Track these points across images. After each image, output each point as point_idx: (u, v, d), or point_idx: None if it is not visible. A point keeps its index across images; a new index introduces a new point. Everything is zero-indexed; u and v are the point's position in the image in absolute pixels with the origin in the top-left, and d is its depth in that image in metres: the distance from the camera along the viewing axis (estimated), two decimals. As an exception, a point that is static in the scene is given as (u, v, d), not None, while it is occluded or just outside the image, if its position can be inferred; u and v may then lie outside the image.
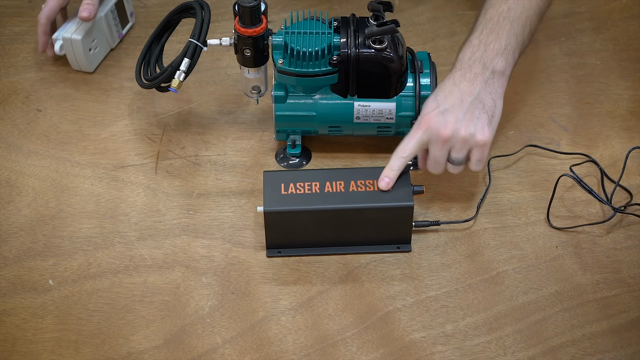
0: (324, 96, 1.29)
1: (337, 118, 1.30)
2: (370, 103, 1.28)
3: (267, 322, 1.18)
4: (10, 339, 1.16)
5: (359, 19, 1.28)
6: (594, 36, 1.52)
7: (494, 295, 1.20)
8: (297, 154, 1.34)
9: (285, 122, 1.31)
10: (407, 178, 1.22)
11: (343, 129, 1.31)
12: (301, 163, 1.34)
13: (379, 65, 1.25)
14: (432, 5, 1.57)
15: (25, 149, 1.36)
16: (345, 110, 1.29)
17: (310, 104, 1.29)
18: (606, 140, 1.37)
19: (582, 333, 1.16)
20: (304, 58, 1.24)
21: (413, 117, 1.29)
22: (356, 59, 1.25)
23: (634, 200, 1.29)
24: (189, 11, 1.31)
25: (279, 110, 1.30)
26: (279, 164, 1.34)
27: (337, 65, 1.25)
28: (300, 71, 1.25)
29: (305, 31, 1.26)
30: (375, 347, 1.15)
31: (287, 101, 1.29)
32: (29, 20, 1.55)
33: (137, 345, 1.15)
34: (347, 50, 1.25)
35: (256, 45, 1.24)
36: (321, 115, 1.30)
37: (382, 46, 1.24)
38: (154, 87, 1.30)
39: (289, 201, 1.20)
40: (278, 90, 1.29)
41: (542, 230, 1.27)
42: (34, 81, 1.46)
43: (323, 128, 1.32)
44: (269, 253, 1.23)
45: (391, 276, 1.22)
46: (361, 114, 1.29)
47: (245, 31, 1.23)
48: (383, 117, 1.29)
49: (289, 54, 1.24)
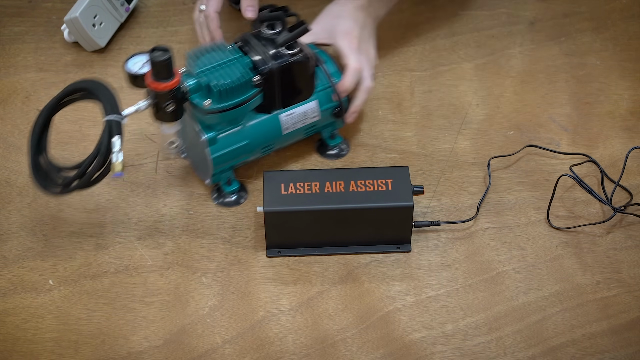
0: (250, 120, 1.25)
1: (269, 136, 1.27)
2: (294, 110, 1.27)
3: (267, 322, 1.18)
4: (10, 339, 1.16)
5: (256, 34, 1.25)
6: (594, 36, 1.52)
7: (494, 295, 1.20)
8: (236, 189, 1.29)
9: (223, 161, 1.25)
10: (407, 178, 1.22)
11: (274, 144, 1.29)
12: (239, 200, 1.30)
13: (299, 69, 1.24)
14: (432, 5, 1.57)
15: (25, 149, 1.36)
16: (274, 125, 1.27)
17: (241, 133, 1.25)
18: (606, 140, 1.37)
19: (582, 333, 1.16)
20: (230, 91, 1.19)
21: (336, 105, 1.29)
22: (279, 72, 1.22)
23: (634, 200, 1.29)
24: (79, 94, 1.19)
25: (215, 152, 1.24)
26: (218, 205, 1.29)
27: (261, 85, 1.22)
28: (230, 104, 1.20)
29: (217, 64, 1.21)
30: (375, 347, 1.15)
31: (218, 139, 1.23)
32: (29, 20, 1.55)
33: (137, 345, 1.15)
34: (267, 66, 1.22)
35: (178, 96, 1.18)
36: (254, 139, 1.26)
37: (295, 50, 1.23)
38: (82, 187, 1.16)
39: (289, 201, 1.20)
40: (209, 133, 1.23)
41: (542, 230, 1.27)
42: (34, 81, 1.46)
43: (256, 153, 1.28)
44: (269, 253, 1.23)
45: (391, 276, 1.22)
46: (289, 123, 1.27)
47: (165, 86, 1.15)
48: (308, 117, 1.28)
49: (213, 93, 1.19)
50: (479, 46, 1.50)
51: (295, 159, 1.35)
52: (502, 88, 1.44)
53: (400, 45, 1.50)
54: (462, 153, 1.36)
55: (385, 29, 1.52)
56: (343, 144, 1.36)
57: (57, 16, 1.53)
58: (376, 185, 1.21)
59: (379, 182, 1.22)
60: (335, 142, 1.35)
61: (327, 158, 1.35)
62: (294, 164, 1.35)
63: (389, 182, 1.22)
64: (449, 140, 1.37)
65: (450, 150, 1.36)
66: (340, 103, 1.29)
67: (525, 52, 1.49)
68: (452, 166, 1.34)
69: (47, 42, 1.51)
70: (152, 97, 1.17)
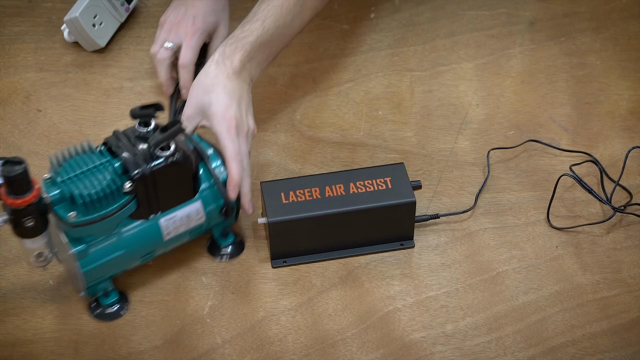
0: (126, 227, 1.13)
1: (148, 243, 1.15)
2: (175, 213, 1.15)
3: (267, 322, 1.18)
4: (10, 339, 1.16)
5: (125, 132, 1.12)
6: (594, 36, 1.52)
7: (494, 295, 1.20)
8: (115, 300, 1.18)
9: (97, 274, 1.14)
10: (405, 175, 1.22)
11: (156, 251, 1.18)
12: (119, 311, 1.18)
13: (176, 171, 1.12)
14: (432, 5, 1.57)
15: (25, 149, 1.36)
16: (154, 232, 1.15)
17: (115, 243, 1.13)
18: (606, 140, 1.37)
19: (582, 333, 1.16)
20: (97, 201, 1.08)
21: (222, 205, 1.18)
22: (153, 175, 1.10)
23: (634, 200, 1.29)
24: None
25: (85, 266, 1.12)
26: (95, 317, 1.18)
27: (133, 191, 1.10)
28: (98, 215, 1.09)
29: (81, 171, 1.09)
30: (375, 347, 1.15)
31: (89, 252, 1.12)
32: (29, 20, 1.55)
33: (137, 345, 1.15)
34: (139, 171, 1.09)
35: (39, 209, 1.06)
36: (131, 249, 1.14)
37: (170, 151, 1.11)
38: None
39: (292, 209, 1.19)
40: (76, 246, 1.11)
41: (542, 230, 1.27)
42: (34, 81, 1.46)
43: (134, 262, 1.17)
44: (275, 264, 1.23)
45: (391, 276, 1.22)
46: (170, 228, 1.16)
47: (22, 201, 1.04)
48: (192, 220, 1.17)
49: (78, 204, 1.07)
50: (479, 46, 1.50)
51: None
52: (502, 88, 1.44)
53: (400, 45, 1.50)
54: (462, 153, 1.36)
55: (385, 29, 1.52)
56: (238, 241, 1.24)
57: (57, 16, 1.53)
58: (375, 184, 1.21)
59: (378, 181, 1.22)
60: (227, 242, 1.23)
61: (219, 259, 1.23)
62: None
63: (387, 180, 1.22)
64: (449, 140, 1.37)
65: (450, 150, 1.36)
66: (226, 201, 1.18)
67: (525, 52, 1.49)
68: (452, 166, 1.34)
69: (47, 42, 1.51)
70: (9, 213, 1.06)
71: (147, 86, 1.44)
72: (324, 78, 1.45)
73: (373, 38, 1.51)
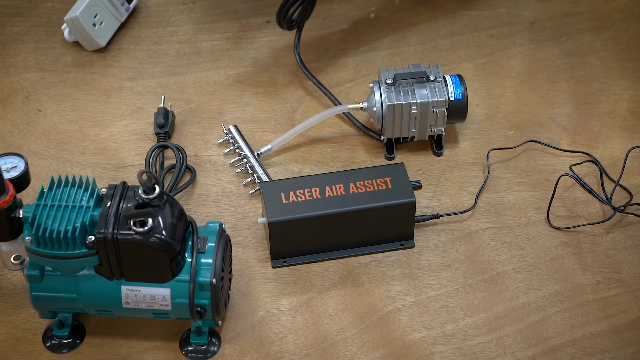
0: (88, 275, 1.08)
1: (103, 302, 1.09)
2: (140, 288, 1.08)
3: (267, 322, 1.18)
4: (10, 339, 1.16)
5: (133, 188, 1.07)
6: (594, 36, 1.52)
7: (494, 295, 1.20)
8: (64, 335, 1.14)
9: (44, 303, 1.11)
10: (405, 175, 1.22)
11: (113, 312, 1.11)
12: (74, 343, 1.14)
13: (143, 249, 1.04)
14: (432, 5, 1.57)
15: (25, 149, 1.36)
16: (112, 294, 1.09)
17: (71, 286, 1.09)
18: (606, 140, 1.37)
19: (582, 333, 1.16)
20: (53, 238, 1.04)
21: (200, 305, 1.09)
22: (114, 243, 1.04)
23: (634, 200, 1.29)
24: None
25: (35, 291, 1.09)
26: (48, 349, 1.14)
27: (93, 248, 1.05)
28: (51, 253, 1.05)
29: (59, 204, 1.05)
30: (375, 347, 1.15)
31: (44, 281, 1.09)
32: (29, 20, 1.55)
33: (137, 345, 1.15)
34: (102, 232, 1.03)
35: (7, 217, 1.05)
36: (85, 298, 1.09)
37: (144, 229, 1.03)
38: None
39: (293, 209, 1.19)
40: (32, 270, 1.08)
41: (542, 230, 1.27)
42: (34, 81, 1.46)
43: (89, 309, 1.11)
44: (275, 264, 1.23)
45: (391, 276, 1.22)
46: (130, 298, 1.08)
47: None
48: (156, 303, 1.09)
49: (34, 232, 1.04)
50: (479, 46, 1.50)
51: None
52: (502, 88, 1.44)
53: (400, 45, 1.50)
54: (462, 153, 1.36)
55: (385, 29, 1.52)
56: (212, 345, 1.14)
57: (57, 16, 1.54)
58: (375, 184, 1.21)
59: (378, 181, 1.22)
60: (199, 341, 1.13)
61: (183, 353, 1.14)
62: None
63: (387, 180, 1.22)
64: (449, 140, 1.37)
65: (450, 150, 1.36)
66: (191, 304, 1.08)
67: (525, 52, 1.49)
68: (452, 166, 1.34)
69: (47, 42, 1.51)
70: None
71: (147, 86, 1.44)
72: (324, 78, 1.45)
73: (373, 38, 1.51)
